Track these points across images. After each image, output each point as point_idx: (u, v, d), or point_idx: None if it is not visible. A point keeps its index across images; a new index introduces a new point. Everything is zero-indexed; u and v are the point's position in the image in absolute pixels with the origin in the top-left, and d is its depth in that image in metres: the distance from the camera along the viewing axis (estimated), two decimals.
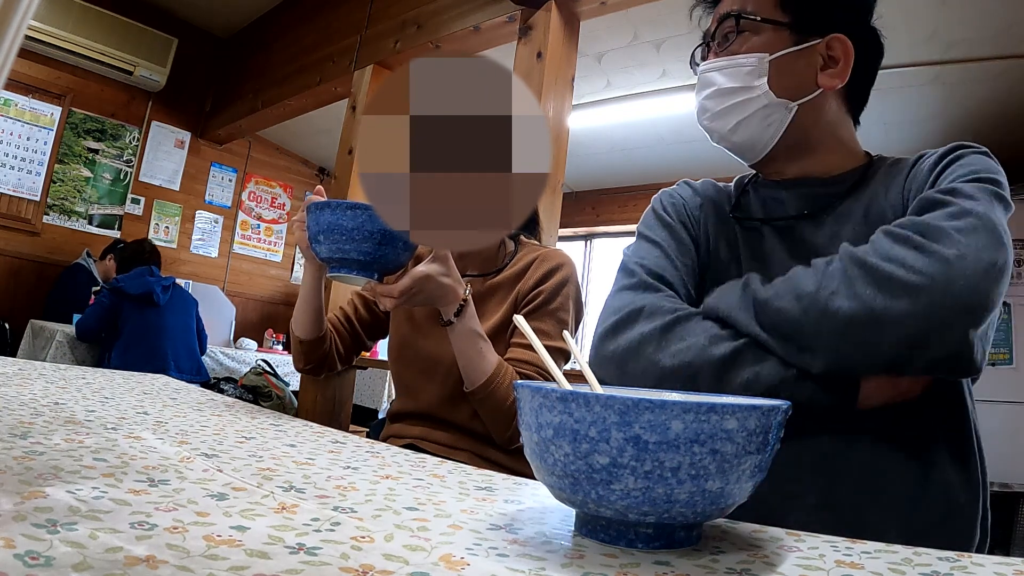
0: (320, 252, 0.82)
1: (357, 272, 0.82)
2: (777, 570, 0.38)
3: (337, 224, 0.79)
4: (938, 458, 0.67)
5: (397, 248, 0.82)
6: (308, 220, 0.83)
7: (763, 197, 0.84)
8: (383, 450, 0.71)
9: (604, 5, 2.31)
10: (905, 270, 0.58)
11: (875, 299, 0.58)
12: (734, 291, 0.70)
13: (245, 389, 3.24)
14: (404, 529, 0.41)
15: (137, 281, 3.06)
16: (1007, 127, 3.11)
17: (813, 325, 0.61)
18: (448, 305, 0.95)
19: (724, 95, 0.80)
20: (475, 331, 0.98)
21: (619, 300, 0.77)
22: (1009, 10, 2.44)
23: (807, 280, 0.63)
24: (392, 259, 0.83)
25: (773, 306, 0.64)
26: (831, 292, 0.61)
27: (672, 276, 0.79)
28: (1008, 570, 0.39)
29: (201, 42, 4.72)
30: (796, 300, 0.63)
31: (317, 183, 5.55)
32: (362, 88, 3.06)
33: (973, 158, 0.70)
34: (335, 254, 0.81)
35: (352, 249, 0.80)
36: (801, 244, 0.77)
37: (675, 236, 0.83)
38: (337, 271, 0.83)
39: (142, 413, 0.76)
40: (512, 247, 1.19)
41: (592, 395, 0.37)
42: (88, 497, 0.39)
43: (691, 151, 4.07)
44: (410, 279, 0.88)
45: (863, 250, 0.62)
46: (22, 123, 4.03)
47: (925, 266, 0.58)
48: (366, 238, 0.79)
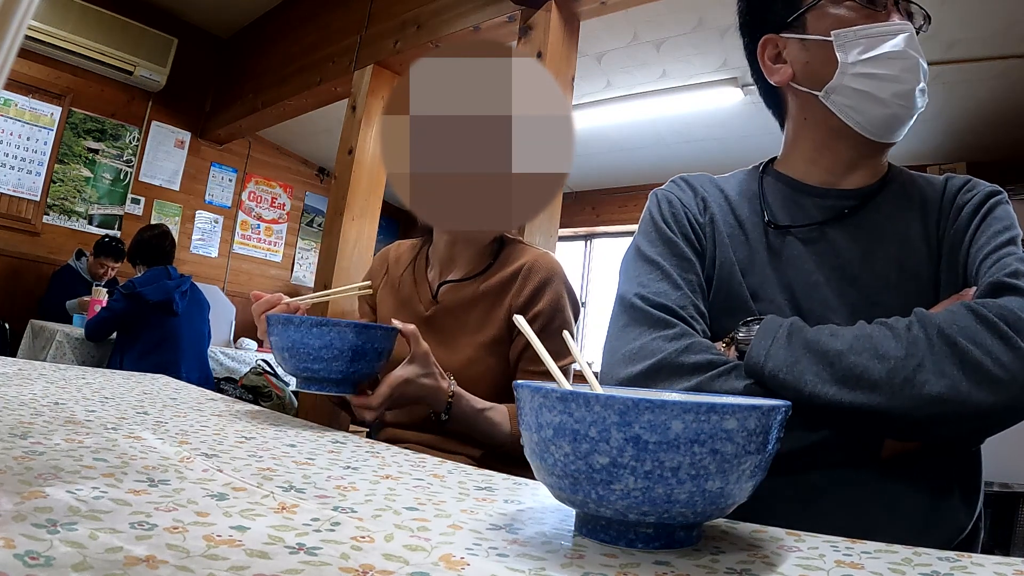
0: (286, 368, 0.78)
1: (329, 389, 0.78)
2: (777, 570, 0.38)
3: (302, 343, 0.74)
4: (948, 485, 0.68)
5: (369, 361, 0.77)
6: (270, 335, 0.77)
7: (781, 199, 0.82)
8: (383, 450, 0.71)
9: (604, 5, 2.31)
10: (991, 361, 0.59)
11: (961, 383, 0.59)
12: (778, 340, 0.65)
13: (245, 389, 3.24)
14: (404, 529, 0.41)
15: (156, 287, 2.92)
16: (1007, 127, 3.11)
17: (897, 393, 0.61)
18: (434, 403, 0.91)
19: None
20: (473, 410, 0.95)
21: (628, 341, 0.72)
22: (1009, 10, 2.44)
23: (888, 342, 0.62)
24: (365, 373, 0.78)
25: (849, 360, 0.62)
26: (918, 364, 0.60)
27: (678, 302, 0.73)
28: (1008, 570, 0.39)
29: (201, 42, 4.72)
30: (878, 360, 0.61)
31: (317, 183, 5.56)
32: (362, 88, 3.06)
33: (1000, 211, 0.74)
34: (303, 373, 0.76)
35: (321, 368, 0.75)
36: (823, 253, 0.76)
37: (675, 251, 0.78)
38: (306, 388, 0.78)
39: (142, 413, 0.76)
40: (498, 243, 1.15)
41: (592, 395, 0.37)
42: (88, 497, 0.39)
43: (691, 151, 4.08)
44: (387, 387, 0.84)
45: (947, 323, 0.62)
46: (22, 123, 4.03)
47: (1010, 361, 0.59)
48: (336, 357, 0.74)
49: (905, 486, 0.67)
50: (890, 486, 0.67)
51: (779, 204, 0.82)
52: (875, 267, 0.74)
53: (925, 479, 0.67)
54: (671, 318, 0.72)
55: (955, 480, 0.69)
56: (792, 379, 0.63)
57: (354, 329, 0.74)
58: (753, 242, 0.79)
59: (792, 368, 0.63)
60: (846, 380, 0.62)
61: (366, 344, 0.75)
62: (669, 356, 0.68)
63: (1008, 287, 0.65)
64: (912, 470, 0.67)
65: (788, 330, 0.66)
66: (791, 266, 0.76)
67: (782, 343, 0.65)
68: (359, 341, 0.74)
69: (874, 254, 0.75)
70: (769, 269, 0.77)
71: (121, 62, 4.19)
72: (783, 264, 0.77)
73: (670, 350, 0.69)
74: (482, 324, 1.08)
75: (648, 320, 0.72)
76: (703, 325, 0.74)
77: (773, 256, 0.78)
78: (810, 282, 0.75)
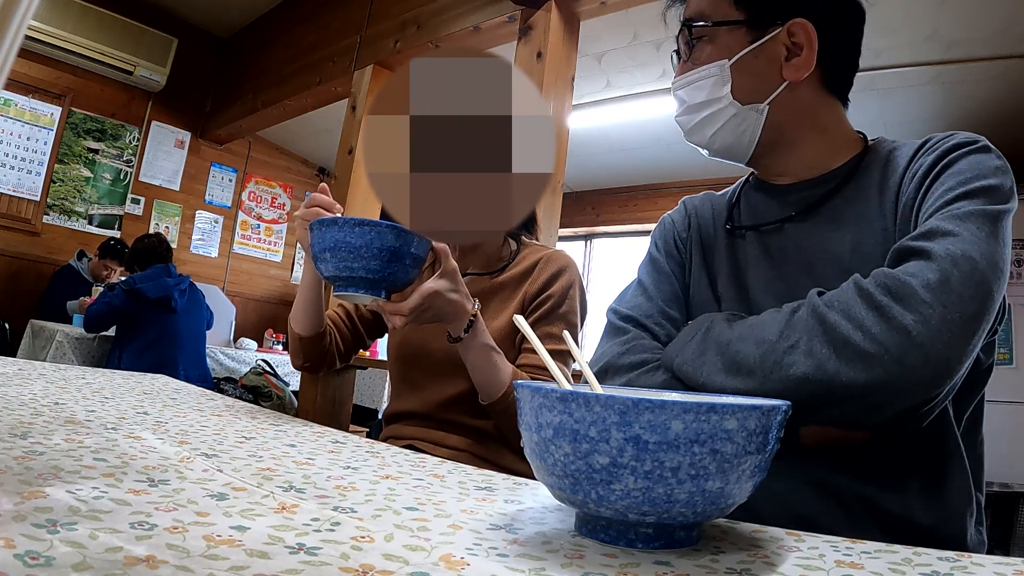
0: (325, 270, 0.80)
1: (364, 291, 0.80)
2: (777, 570, 0.38)
3: (344, 242, 0.77)
4: (899, 478, 0.65)
5: (406, 265, 0.80)
6: (312, 238, 0.80)
7: (753, 202, 0.82)
8: (383, 450, 0.71)
9: (604, 5, 2.31)
10: (862, 334, 0.56)
11: (829, 361, 0.57)
12: (694, 339, 0.69)
13: (245, 389, 3.24)
14: (404, 529, 0.41)
15: (155, 284, 2.95)
16: (1007, 127, 3.11)
17: (768, 376, 0.60)
18: (457, 321, 0.94)
19: (693, 111, 0.78)
20: (486, 345, 0.97)
21: (596, 350, 0.81)
22: (1009, 10, 2.44)
23: (771, 327, 0.62)
24: (400, 277, 0.80)
25: (733, 348, 0.63)
26: (790, 345, 0.59)
27: (645, 311, 0.80)
28: (1008, 570, 0.39)
29: (201, 42, 4.72)
30: (756, 346, 0.61)
31: (317, 183, 5.55)
32: (362, 88, 3.06)
33: (964, 163, 0.66)
34: (342, 272, 0.78)
35: (359, 267, 0.77)
36: (782, 250, 0.75)
37: (657, 267, 0.85)
38: (343, 290, 0.80)
39: (142, 413, 0.76)
40: (514, 246, 1.20)
41: (592, 395, 0.37)
42: (88, 497, 0.39)
43: (691, 151, 4.04)
44: (419, 296, 0.87)
45: (828, 300, 0.60)
46: (22, 123, 4.03)
47: (881, 333, 0.55)
48: (374, 256, 0.77)
49: (841, 476, 0.64)
50: (823, 476, 0.65)
51: (752, 206, 0.82)
52: (830, 253, 0.71)
53: (870, 468, 0.64)
54: (628, 326, 0.79)
55: (914, 471, 0.65)
56: (692, 371, 0.66)
57: (393, 231, 0.77)
58: (722, 248, 0.81)
59: (695, 361, 0.67)
60: (729, 368, 0.63)
61: (403, 246, 0.78)
62: (612, 358, 0.76)
63: (911, 251, 0.60)
64: (852, 459, 0.64)
65: (707, 327, 0.69)
66: (749, 266, 0.77)
67: (698, 339, 0.68)
68: (397, 243, 0.77)
69: (830, 240, 0.72)
70: (730, 272, 0.79)
71: (121, 62, 4.19)
72: (740, 265, 0.78)
73: (614, 352, 0.77)
74: (498, 313, 1.12)
75: (611, 330, 0.81)
76: (669, 328, 0.79)
77: (732, 259, 0.80)
78: (766, 279, 0.75)
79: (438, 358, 1.10)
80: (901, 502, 0.64)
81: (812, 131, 0.77)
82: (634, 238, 5.12)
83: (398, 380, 1.20)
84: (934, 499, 0.65)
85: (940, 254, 0.57)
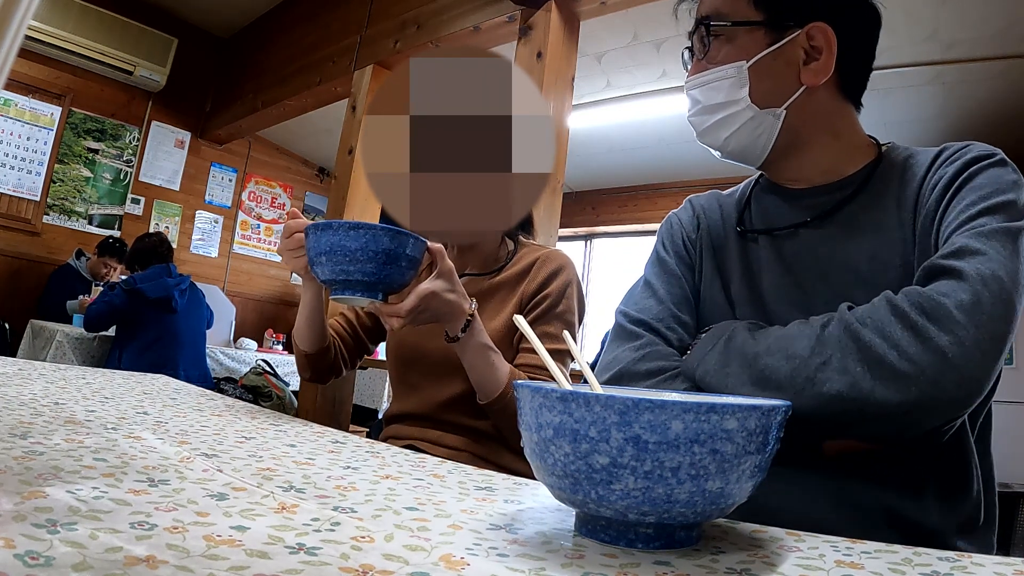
0: (321, 274, 0.80)
1: (361, 293, 0.80)
2: (777, 570, 0.38)
3: (339, 245, 0.77)
4: (918, 483, 0.65)
5: (401, 267, 0.80)
6: (308, 242, 0.81)
7: (765, 205, 0.81)
8: (383, 450, 0.71)
9: (604, 5, 2.31)
10: (898, 355, 0.56)
11: (863, 379, 0.56)
12: (716, 348, 0.67)
13: (245, 389, 3.24)
14: (404, 529, 0.41)
15: (156, 284, 2.95)
16: (1007, 127, 3.11)
17: (799, 392, 0.59)
18: (454, 321, 0.94)
19: (708, 112, 0.77)
20: (483, 344, 0.97)
21: (607, 354, 0.79)
22: (1009, 10, 2.44)
23: (801, 341, 0.61)
24: (396, 278, 0.81)
25: (761, 362, 0.62)
26: (822, 362, 0.59)
27: (656, 315, 0.78)
28: (1008, 570, 0.39)
29: (201, 42, 4.72)
30: (786, 360, 0.61)
31: (317, 183, 5.56)
32: (362, 88, 3.06)
33: (983, 177, 0.66)
34: (338, 276, 0.79)
35: (356, 270, 0.78)
36: (797, 255, 0.74)
37: (666, 268, 0.83)
38: (340, 293, 0.81)
39: (142, 413, 0.76)
40: (512, 246, 1.20)
41: (592, 395, 0.37)
42: (88, 497, 0.39)
43: (691, 151, 4.07)
44: (416, 297, 0.87)
45: (861, 317, 0.59)
46: (22, 123, 4.03)
47: (917, 354, 0.55)
48: (370, 258, 0.77)
49: (859, 484, 0.65)
50: (841, 484, 0.65)
51: (764, 209, 0.81)
52: (847, 261, 0.71)
53: (889, 477, 0.65)
54: (641, 330, 0.77)
55: (931, 479, 0.66)
56: (717, 383, 0.65)
57: (387, 233, 0.78)
58: (733, 251, 0.80)
59: (719, 372, 0.65)
60: (758, 381, 0.62)
61: (398, 248, 0.78)
62: (628, 364, 0.74)
63: (942, 270, 0.60)
64: (870, 468, 0.65)
65: (728, 336, 0.68)
66: (763, 270, 0.76)
67: (719, 349, 0.67)
68: (392, 245, 0.78)
69: (846, 248, 0.71)
70: (743, 276, 0.78)
71: (121, 62, 4.19)
72: (753, 269, 0.77)
73: (630, 359, 0.75)
74: (496, 313, 1.12)
75: (623, 334, 0.78)
76: (681, 333, 0.77)
77: (744, 262, 0.79)
78: (781, 285, 0.74)
79: (435, 359, 1.10)
80: (919, 510, 0.65)
81: (827, 136, 0.77)
82: (634, 238, 5.13)
83: (397, 382, 1.20)
84: (951, 506, 0.66)
85: (971, 274, 0.58)
